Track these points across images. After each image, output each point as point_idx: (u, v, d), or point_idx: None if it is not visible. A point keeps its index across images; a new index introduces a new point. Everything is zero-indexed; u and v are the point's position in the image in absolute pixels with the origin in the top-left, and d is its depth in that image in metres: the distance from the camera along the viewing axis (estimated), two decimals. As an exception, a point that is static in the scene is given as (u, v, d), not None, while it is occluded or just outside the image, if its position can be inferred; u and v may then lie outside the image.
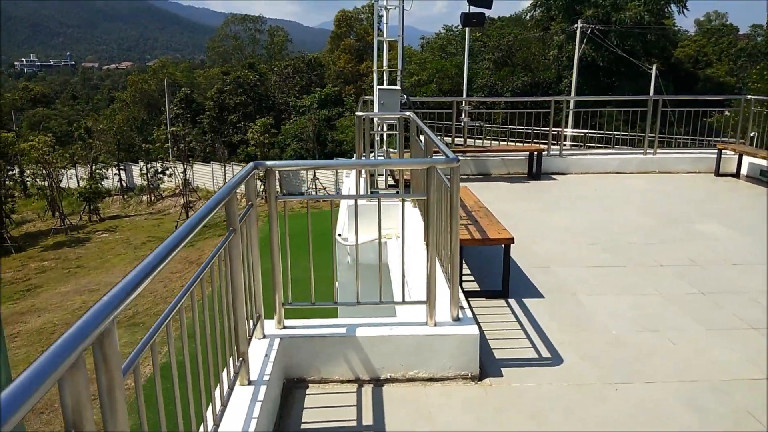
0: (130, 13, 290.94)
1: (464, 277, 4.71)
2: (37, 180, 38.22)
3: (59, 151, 38.23)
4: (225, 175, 39.35)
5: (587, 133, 17.21)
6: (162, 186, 41.89)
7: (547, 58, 38.29)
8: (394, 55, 8.36)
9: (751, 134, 10.39)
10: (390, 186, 7.67)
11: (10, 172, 37.02)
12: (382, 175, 7.80)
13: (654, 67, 31.86)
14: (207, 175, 41.24)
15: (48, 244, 32.66)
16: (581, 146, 15.78)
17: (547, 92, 37.44)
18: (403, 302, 3.32)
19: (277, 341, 3.06)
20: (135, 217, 40.04)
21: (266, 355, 2.93)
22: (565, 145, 11.30)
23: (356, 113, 5.82)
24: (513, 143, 14.09)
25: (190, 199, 37.52)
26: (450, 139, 10.22)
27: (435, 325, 3.21)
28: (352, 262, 6.05)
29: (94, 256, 30.29)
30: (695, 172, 9.32)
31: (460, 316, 3.30)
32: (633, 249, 5.63)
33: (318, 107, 41.15)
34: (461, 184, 6.77)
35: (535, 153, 8.81)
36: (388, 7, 8.08)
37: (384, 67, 8.38)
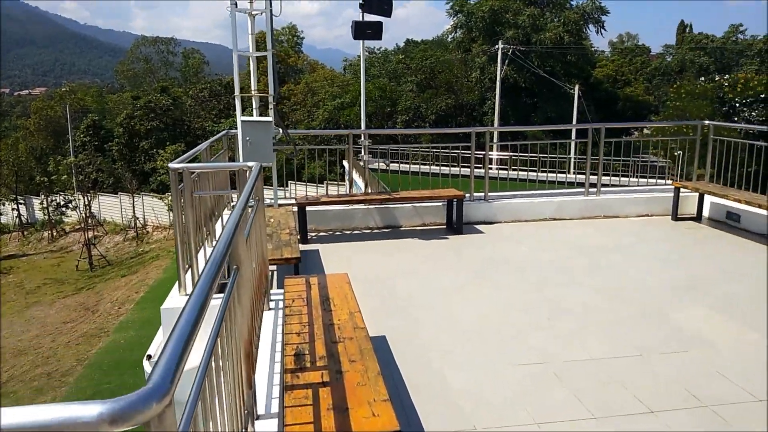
0: (44, 37, 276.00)
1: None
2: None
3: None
4: (134, 206, 35.95)
5: (512, 155, 15.91)
6: (66, 220, 38.10)
7: (469, 80, 37.54)
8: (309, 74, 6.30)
9: (677, 153, 9.18)
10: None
11: None
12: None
13: (576, 87, 31.50)
14: (116, 207, 37.79)
15: (-77, 293, 28.25)
16: (507, 169, 14.31)
17: (471, 114, 36.57)
18: None
19: None
20: (34, 255, 35.99)
21: None
22: (491, 168, 9.56)
23: (169, 164, 3.62)
24: (436, 171, 12.36)
25: (96, 233, 33.93)
26: (349, 180, 8.20)
27: None
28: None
29: (-24, 304, 26.21)
30: (649, 215, 7.61)
31: None
32: (592, 370, 3.63)
33: (237, 131, 38.65)
34: (339, 270, 3.50)
35: (454, 200, 6.86)
36: (254, 13, 6.02)
37: (253, 92, 6.30)
